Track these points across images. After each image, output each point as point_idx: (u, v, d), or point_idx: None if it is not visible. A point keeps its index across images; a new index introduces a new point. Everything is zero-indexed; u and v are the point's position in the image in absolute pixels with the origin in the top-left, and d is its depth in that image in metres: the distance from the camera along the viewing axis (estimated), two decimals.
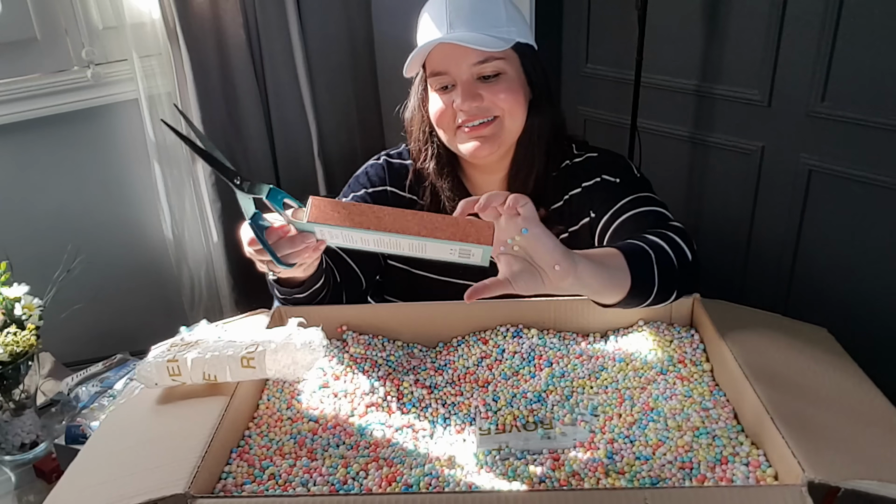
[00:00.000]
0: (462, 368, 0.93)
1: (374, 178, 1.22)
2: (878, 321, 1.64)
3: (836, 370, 0.80)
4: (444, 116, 1.09)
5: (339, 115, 2.02)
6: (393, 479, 0.71)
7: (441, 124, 1.10)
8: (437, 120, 1.10)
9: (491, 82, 1.06)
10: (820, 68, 1.60)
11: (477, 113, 1.06)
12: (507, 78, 1.07)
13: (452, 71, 1.06)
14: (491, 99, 1.06)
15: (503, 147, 1.10)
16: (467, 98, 1.05)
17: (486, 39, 1.02)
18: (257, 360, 0.78)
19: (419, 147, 1.17)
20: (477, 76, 1.06)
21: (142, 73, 1.75)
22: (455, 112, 1.07)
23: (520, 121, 1.10)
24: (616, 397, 0.83)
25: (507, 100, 1.06)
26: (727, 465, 0.69)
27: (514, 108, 1.07)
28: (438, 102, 1.09)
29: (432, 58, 1.07)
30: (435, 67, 1.08)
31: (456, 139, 1.10)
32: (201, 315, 1.99)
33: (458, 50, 1.04)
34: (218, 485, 0.70)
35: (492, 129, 1.07)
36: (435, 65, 1.07)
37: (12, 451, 1.13)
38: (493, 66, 1.05)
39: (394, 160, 1.23)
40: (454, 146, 1.12)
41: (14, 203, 1.76)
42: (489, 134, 1.08)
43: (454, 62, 1.05)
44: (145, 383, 0.81)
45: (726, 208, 1.90)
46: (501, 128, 1.08)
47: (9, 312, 1.11)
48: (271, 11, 1.83)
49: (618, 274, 0.82)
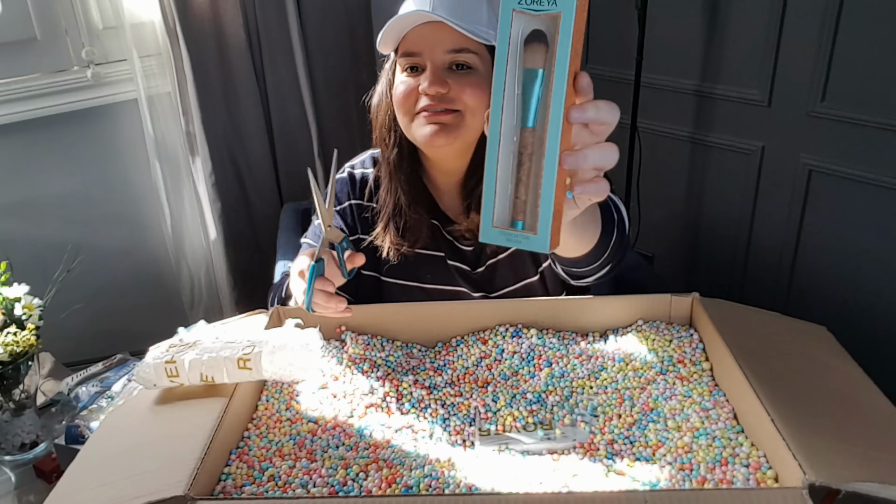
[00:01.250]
0: (461, 369, 0.93)
1: (341, 194, 1.21)
2: (878, 321, 1.64)
3: (835, 369, 0.80)
4: (407, 98, 1.06)
5: (339, 115, 2.02)
6: (393, 481, 0.71)
7: (402, 106, 1.08)
8: (399, 101, 1.08)
9: (461, 74, 1.05)
10: (820, 68, 1.60)
11: (441, 100, 1.04)
12: (476, 74, 1.05)
13: (426, 53, 1.04)
14: (457, 91, 1.04)
15: (460, 140, 1.08)
16: (434, 82, 1.03)
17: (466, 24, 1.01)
18: (254, 362, 0.78)
19: (383, 135, 1.15)
20: (449, 63, 1.04)
21: (142, 73, 1.75)
22: (418, 95, 1.05)
23: (481, 119, 1.07)
24: (616, 398, 0.83)
25: (472, 95, 1.04)
26: (727, 467, 0.69)
27: (478, 105, 1.05)
28: (403, 84, 1.07)
29: (408, 38, 1.05)
30: (409, 47, 1.06)
31: (413, 124, 1.08)
32: (201, 315, 1.99)
33: (436, 33, 1.02)
34: (217, 486, 0.70)
35: (452, 119, 1.05)
36: (409, 44, 1.06)
37: (12, 451, 1.13)
38: (466, 58, 1.04)
39: (356, 170, 1.22)
40: (410, 132, 1.09)
41: (14, 203, 1.76)
42: (449, 122, 1.05)
43: (428, 44, 1.04)
44: (144, 384, 0.81)
45: (726, 208, 1.90)
46: (462, 122, 1.06)
47: (9, 312, 1.11)
48: (271, 11, 1.83)
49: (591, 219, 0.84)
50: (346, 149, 1.20)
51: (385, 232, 1.15)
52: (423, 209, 1.15)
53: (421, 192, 1.16)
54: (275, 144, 1.96)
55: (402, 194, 1.14)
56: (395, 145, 1.13)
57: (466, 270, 1.17)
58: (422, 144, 1.09)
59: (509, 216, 0.60)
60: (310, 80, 1.92)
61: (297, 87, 1.92)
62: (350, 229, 1.20)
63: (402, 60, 1.07)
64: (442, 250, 1.17)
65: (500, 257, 1.16)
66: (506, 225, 0.60)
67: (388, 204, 1.15)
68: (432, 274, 1.16)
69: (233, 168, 1.91)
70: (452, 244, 1.17)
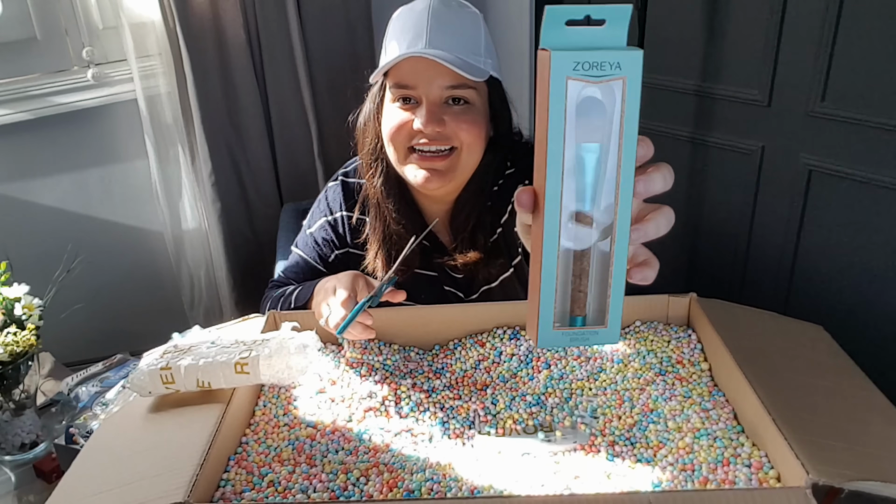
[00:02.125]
0: (460, 372, 0.93)
1: (333, 203, 1.18)
2: (878, 321, 1.64)
3: (833, 368, 0.80)
4: (399, 133, 1.02)
5: (339, 115, 2.02)
6: (394, 485, 0.71)
7: (394, 140, 1.03)
8: (390, 135, 1.03)
9: (456, 109, 1.01)
10: (820, 68, 1.60)
11: (436, 138, 1.00)
12: (473, 109, 1.02)
13: (421, 87, 0.99)
14: (453, 128, 1.00)
15: (454, 182, 1.06)
16: (431, 121, 0.99)
17: (463, 65, 0.97)
18: (251, 366, 0.77)
19: (368, 162, 1.10)
20: (446, 98, 1.00)
21: (142, 73, 1.75)
22: (412, 131, 1.01)
23: (477, 155, 1.05)
24: (615, 399, 0.83)
25: (469, 132, 1.01)
26: (729, 467, 0.69)
27: (474, 142, 1.02)
28: (396, 116, 1.02)
29: (401, 67, 1.00)
30: (402, 79, 1.01)
31: (406, 162, 1.04)
32: (201, 315, 1.99)
33: (433, 68, 0.98)
34: (217, 492, 0.70)
35: (446, 164, 1.02)
36: (403, 76, 1.01)
37: (12, 451, 1.13)
38: (463, 93, 1.00)
39: (349, 179, 1.19)
40: (401, 168, 1.06)
41: (14, 203, 1.76)
42: (442, 168, 1.02)
43: (425, 79, 0.99)
44: (139, 392, 0.80)
45: (726, 208, 1.90)
46: (457, 161, 1.03)
47: (9, 312, 1.11)
48: (271, 11, 1.83)
49: None
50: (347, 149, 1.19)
51: (376, 258, 1.12)
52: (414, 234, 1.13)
53: (410, 218, 1.12)
54: (275, 144, 1.96)
55: (392, 222, 1.10)
56: (382, 174, 1.09)
57: (460, 297, 1.16)
58: (414, 184, 1.05)
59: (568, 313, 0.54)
60: (310, 80, 1.92)
61: (298, 87, 1.92)
62: (340, 240, 1.18)
63: (395, 91, 1.02)
64: (435, 271, 1.15)
65: (493, 286, 1.15)
66: (566, 323, 0.54)
67: (378, 230, 1.11)
68: (426, 294, 1.13)
69: (233, 168, 1.91)
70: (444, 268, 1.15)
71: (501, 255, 1.12)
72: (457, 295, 1.16)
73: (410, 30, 1.00)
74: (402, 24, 1.02)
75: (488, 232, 1.11)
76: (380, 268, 1.12)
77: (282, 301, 1.12)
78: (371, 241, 1.13)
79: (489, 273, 1.13)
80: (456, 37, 0.99)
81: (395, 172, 1.10)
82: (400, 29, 1.02)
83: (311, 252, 1.20)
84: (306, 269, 1.20)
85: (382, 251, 1.12)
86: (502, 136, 1.09)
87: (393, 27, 1.04)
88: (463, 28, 1.01)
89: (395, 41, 1.02)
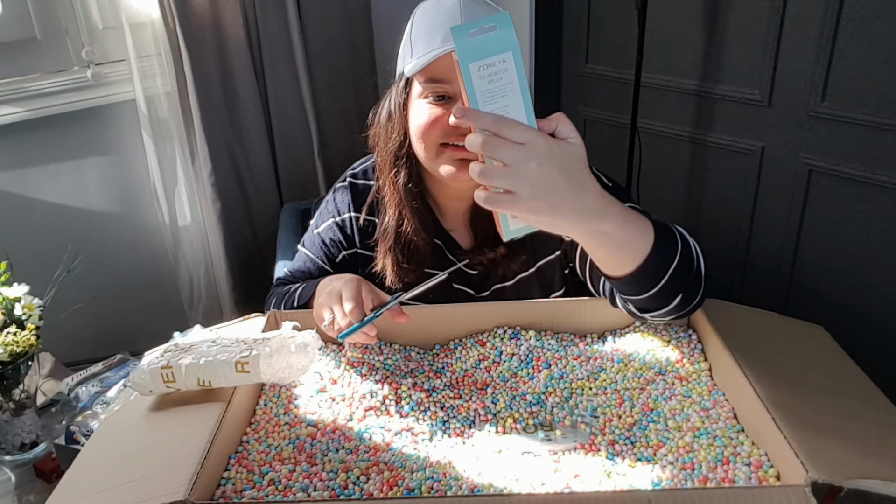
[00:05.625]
0: (460, 371, 0.93)
1: (341, 204, 1.17)
2: (878, 321, 1.64)
3: (833, 368, 0.80)
4: (431, 129, 1.00)
5: (339, 115, 2.02)
6: (394, 484, 0.71)
7: (425, 137, 1.01)
8: (422, 132, 1.01)
9: None
10: (820, 68, 1.60)
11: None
12: None
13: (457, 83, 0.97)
14: None
15: None
16: None
17: None
18: (252, 365, 0.77)
19: (391, 160, 1.08)
20: None
21: (141, 73, 1.75)
22: (446, 127, 0.99)
23: None
24: (615, 398, 0.83)
25: None
26: (729, 466, 0.69)
27: None
28: (428, 113, 1.00)
29: (436, 63, 0.98)
30: (436, 74, 0.98)
31: (437, 158, 1.02)
32: (201, 314, 1.99)
33: None
34: (217, 491, 0.70)
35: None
36: (438, 71, 0.98)
37: (12, 451, 1.13)
38: None
39: (358, 181, 1.18)
40: (431, 164, 1.04)
41: (14, 203, 1.76)
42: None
43: None
44: (139, 391, 0.80)
45: (726, 208, 1.90)
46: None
47: (9, 312, 1.11)
48: (271, 11, 1.83)
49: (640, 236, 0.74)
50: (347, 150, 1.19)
51: (386, 258, 1.11)
52: (429, 234, 1.11)
53: (427, 217, 1.11)
54: (275, 144, 1.96)
55: (409, 223, 1.09)
56: (406, 172, 1.07)
57: (471, 294, 1.15)
58: (444, 178, 1.04)
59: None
60: (310, 80, 1.92)
61: (298, 87, 1.92)
62: (349, 241, 1.18)
63: (428, 86, 1.00)
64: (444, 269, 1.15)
65: (506, 284, 1.14)
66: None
67: (391, 230, 1.10)
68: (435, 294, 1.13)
69: (233, 168, 1.91)
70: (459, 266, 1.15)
71: (525, 251, 1.11)
72: (466, 293, 1.15)
73: (443, 25, 0.98)
74: (432, 19, 1.00)
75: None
76: (389, 270, 1.11)
77: (286, 298, 1.12)
78: (381, 243, 1.13)
79: (509, 269, 1.13)
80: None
81: (418, 171, 1.09)
82: (431, 23, 1.00)
83: (318, 252, 1.19)
84: (313, 269, 1.19)
85: (392, 253, 1.11)
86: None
87: (420, 22, 1.02)
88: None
89: (425, 36, 1.00)
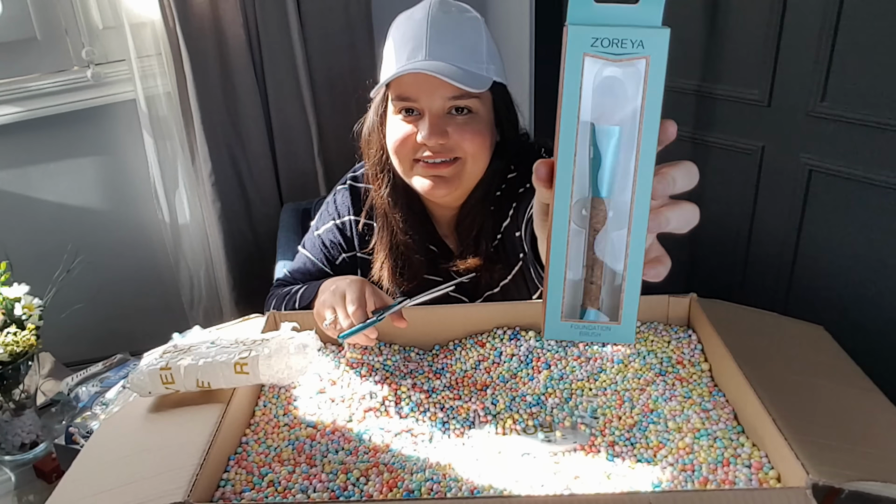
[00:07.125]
0: (460, 372, 0.93)
1: (341, 207, 1.18)
2: (878, 321, 1.64)
3: (834, 368, 0.80)
4: (403, 145, 1.02)
5: (339, 115, 2.02)
6: (394, 485, 0.71)
7: (399, 153, 1.04)
8: (395, 148, 1.03)
9: (460, 120, 1.00)
10: (820, 68, 1.60)
11: (440, 150, 1.00)
12: (476, 119, 1.01)
13: (423, 100, 0.99)
14: (457, 138, 1.00)
15: (460, 189, 1.05)
16: (434, 133, 0.98)
17: (465, 76, 0.96)
18: (251, 366, 0.77)
19: (375, 172, 1.11)
20: (448, 109, 1.00)
21: (141, 73, 1.75)
22: (415, 144, 1.01)
23: (483, 164, 1.05)
24: (615, 399, 0.83)
25: (473, 142, 1.00)
26: (729, 467, 0.69)
27: (479, 151, 1.02)
28: (399, 129, 1.02)
29: (402, 80, 1.00)
30: (404, 92, 1.00)
31: (412, 172, 1.04)
32: (201, 315, 1.99)
33: (434, 80, 0.97)
34: (217, 492, 0.70)
35: (451, 171, 1.02)
36: (404, 89, 1.00)
37: (12, 451, 1.13)
38: (466, 102, 0.99)
39: (358, 184, 1.19)
40: (407, 177, 1.06)
41: (14, 203, 1.76)
42: (448, 175, 1.02)
43: (427, 91, 0.98)
44: (138, 392, 0.80)
45: (726, 208, 1.90)
46: (462, 170, 1.03)
47: (9, 312, 1.11)
48: (271, 11, 1.83)
49: None
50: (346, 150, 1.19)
51: (382, 268, 1.12)
52: (422, 242, 1.12)
53: (418, 227, 1.12)
54: (275, 144, 1.96)
55: (399, 232, 1.10)
56: (389, 184, 1.09)
57: (464, 301, 1.16)
58: (420, 192, 1.06)
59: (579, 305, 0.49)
60: (310, 80, 1.92)
61: (298, 87, 1.92)
62: (348, 243, 1.18)
63: (397, 103, 1.02)
64: (442, 276, 1.16)
65: (495, 291, 1.15)
66: (576, 316, 0.49)
67: (385, 240, 1.12)
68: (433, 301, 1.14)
69: (233, 168, 1.91)
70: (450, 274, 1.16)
71: (500, 260, 1.12)
72: (461, 300, 1.16)
73: (410, 41, 0.99)
74: (401, 34, 1.01)
75: (490, 237, 1.11)
76: (386, 278, 1.12)
77: (287, 299, 1.12)
78: (377, 250, 1.13)
79: (491, 278, 1.13)
80: (456, 45, 0.98)
81: (402, 182, 1.10)
82: (400, 39, 1.01)
83: (318, 254, 1.20)
84: (313, 271, 1.20)
85: (389, 261, 1.12)
86: (509, 140, 1.08)
87: (393, 37, 1.03)
88: (463, 35, 1.00)
89: (394, 52, 1.01)
